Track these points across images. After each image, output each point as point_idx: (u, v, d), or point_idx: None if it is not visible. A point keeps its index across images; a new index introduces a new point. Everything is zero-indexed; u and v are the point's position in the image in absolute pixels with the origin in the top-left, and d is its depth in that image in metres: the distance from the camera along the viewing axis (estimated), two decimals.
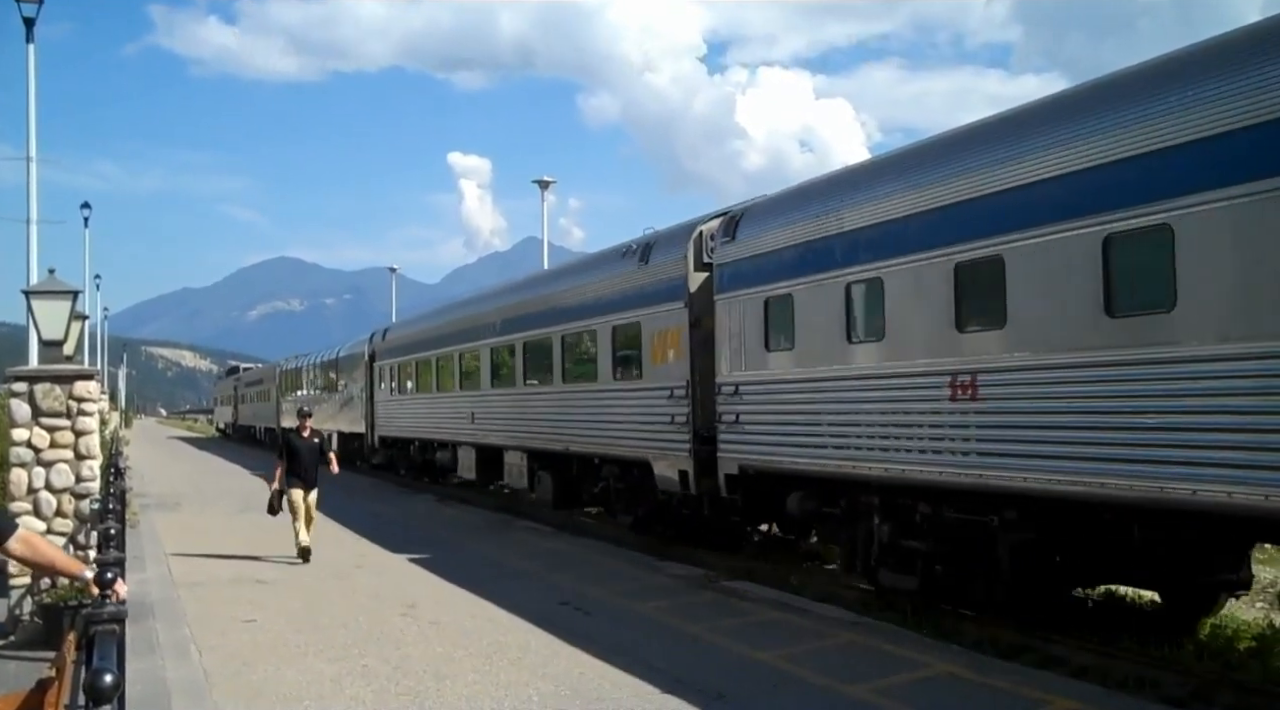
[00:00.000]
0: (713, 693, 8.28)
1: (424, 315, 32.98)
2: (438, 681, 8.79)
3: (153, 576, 13.94)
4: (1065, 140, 9.07)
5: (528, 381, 21.05)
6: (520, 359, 21.33)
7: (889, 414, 11.14)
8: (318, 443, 16.45)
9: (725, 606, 11.74)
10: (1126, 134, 8.47)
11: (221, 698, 8.39)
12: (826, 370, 12.19)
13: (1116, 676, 8.56)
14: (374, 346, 34.14)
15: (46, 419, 13.15)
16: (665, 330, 15.49)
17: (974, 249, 9.99)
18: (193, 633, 10.67)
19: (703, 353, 14.66)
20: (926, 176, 10.78)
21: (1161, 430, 8.20)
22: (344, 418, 37.64)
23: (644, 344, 16.11)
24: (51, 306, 13.84)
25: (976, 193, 10.00)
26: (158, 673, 8.97)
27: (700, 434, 14.64)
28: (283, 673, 9.13)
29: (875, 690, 8.29)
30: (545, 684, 8.64)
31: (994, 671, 8.80)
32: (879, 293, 11.27)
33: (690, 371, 14.83)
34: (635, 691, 8.39)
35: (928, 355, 10.60)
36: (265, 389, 58.04)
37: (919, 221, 10.71)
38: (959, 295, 10.21)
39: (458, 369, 25.62)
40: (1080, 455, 8.83)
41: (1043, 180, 9.24)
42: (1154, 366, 8.25)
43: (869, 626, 10.62)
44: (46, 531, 12.62)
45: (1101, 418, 8.65)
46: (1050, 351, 9.19)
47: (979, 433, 9.95)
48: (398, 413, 31.28)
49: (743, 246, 13.88)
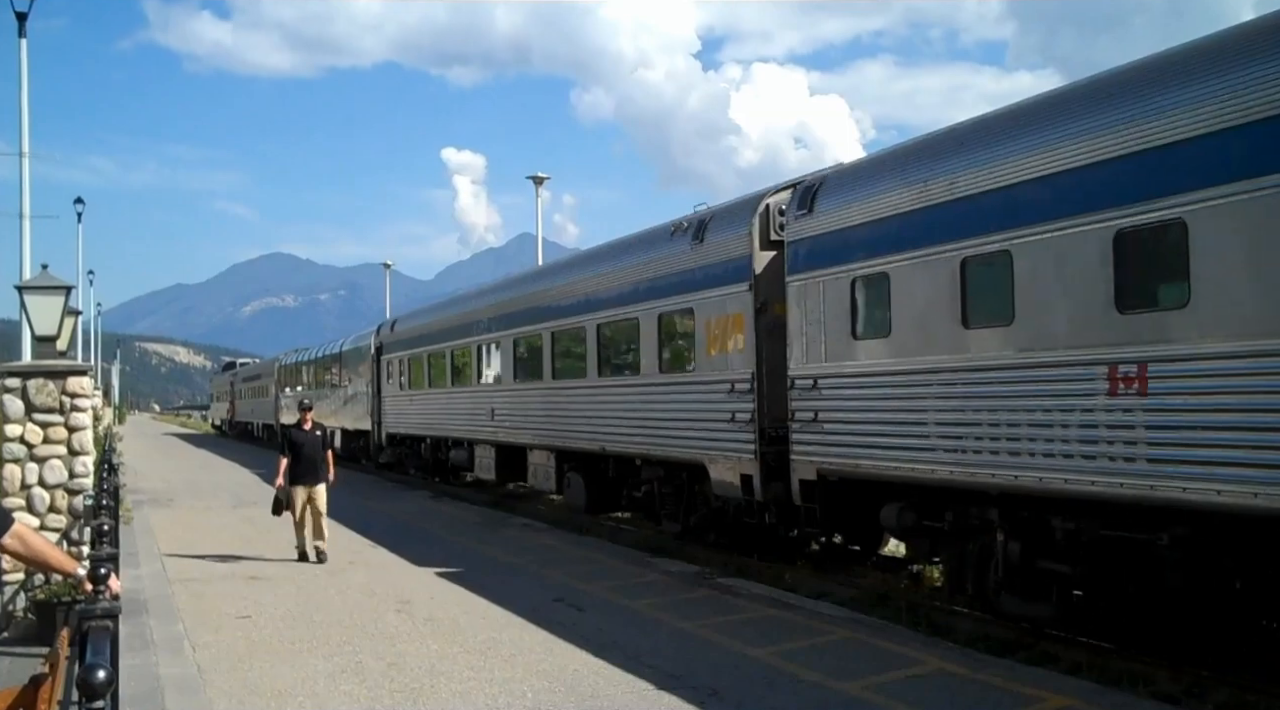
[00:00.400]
0: (706, 689, 8.29)
1: (437, 305, 30.81)
2: (432, 678, 8.79)
3: (146, 573, 13.93)
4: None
5: (557, 375, 19.49)
6: (548, 351, 19.77)
7: (1019, 412, 9.52)
8: (320, 435, 15.82)
9: (719, 603, 11.75)
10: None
11: (215, 694, 8.38)
12: (934, 360, 10.58)
13: (1111, 673, 8.57)
14: (381, 339, 32.65)
15: (40, 415, 13.12)
16: (725, 317, 13.93)
17: (1145, 212, 8.35)
18: (186, 629, 10.67)
19: (770, 342, 13.16)
20: (1075, 124, 9.09)
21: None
22: (348, 414, 36.32)
23: (698, 333, 14.58)
24: (44, 302, 13.81)
25: (1144, 145, 8.37)
26: (151, 669, 8.96)
27: (767, 433, 13.21)
28: (277, 669, 9.13)
29: (868, 687, 8.30)
30: (539, 680, 8.64)
31: (988, 668, 8.81)
32: (1006, 268, 9.70)
33: (755, 363, 13.32)
34: (629, 688, 8.39)
35: (1076, 342, 8.99)
36: (263, 384, 56.44)
37: (1064, 182, 9.07)
38: (1123, 269, 8.59)
39: (476, 362, 24.20)
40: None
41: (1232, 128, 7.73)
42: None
43: (863, 623, 10.62)
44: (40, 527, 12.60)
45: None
46: (1253, 337, 7.61)
47: (1148, 435, 8.35)
48: (408, 409, 29.84)
49: (823, 220, 12.19)
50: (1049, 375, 9.24)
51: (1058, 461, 9.11)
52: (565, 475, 19.37)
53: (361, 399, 34.46)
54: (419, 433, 29.02)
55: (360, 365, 34.85)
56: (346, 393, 36.88)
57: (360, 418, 34.63)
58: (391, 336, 31.71)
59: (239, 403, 66.92)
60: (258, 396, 58.50)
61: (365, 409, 33.79)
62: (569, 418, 18.74)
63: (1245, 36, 8.08)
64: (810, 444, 12.36)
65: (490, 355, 23.28)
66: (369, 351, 33.47)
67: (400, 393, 30.43)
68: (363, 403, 34.24)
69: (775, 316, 13.10)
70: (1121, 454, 8.53)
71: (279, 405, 49.00)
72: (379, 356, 32.54)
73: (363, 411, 34.21)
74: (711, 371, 14.23)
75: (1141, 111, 8.45)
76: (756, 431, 13.26)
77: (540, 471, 20.50)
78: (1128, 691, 8.14)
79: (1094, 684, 8.32)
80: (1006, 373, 9.71)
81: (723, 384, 13.95)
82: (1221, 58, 8.02)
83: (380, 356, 32.44)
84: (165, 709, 7.91)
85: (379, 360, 32.54)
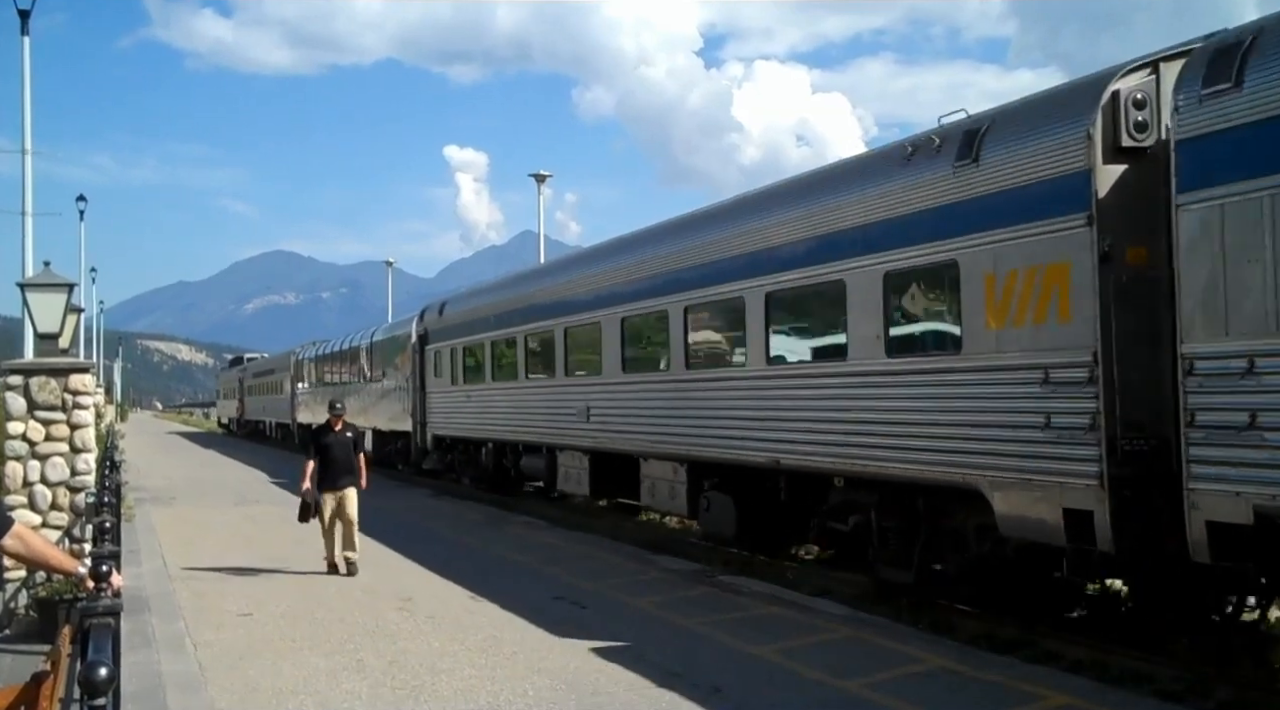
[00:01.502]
0: (708, 687, 8.29)
1: (502, 282, 25.40)
2: (433, 676, 8.80)
3: (148, 570, 13.94)
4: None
5: (692, 364, 15.01)
6: (679, 331, 15.13)
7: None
8: (351, 437, 14.56)
9: (721, 601, 11.75)
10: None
11: (217, 692, 8.39)
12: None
13: (1112, 671, 8.57)
14: (425, 326, 28.16)
15: (42, 412, 13.13)
16: (1031, 270, 9.46)
17: None
18: (188, 627, 10.68)
19: (1124, 306, 8.79)
20: None
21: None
22: (381, 413, 31.93)
23: (964, 297, 10.16)
24: (47, 299, 13.82)
25: None
26: (153, 666, 8.97)
27: (1119, 447, 8.68)
28: (278, 667, 9.13)
29: (870, 685, 8.30)
30: (541, 678, 8.64)
31: (989, 666, 8.80)
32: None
33: (1102, 337, 8.79)
34: (630, 685, 8.40)
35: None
36: (276, 380, 52.51)
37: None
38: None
39: (561, 349, 19.29)
40: None
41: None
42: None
43: (865, 621, 10.62)
44: (42, 525, 12.61)
45: None
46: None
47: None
48: (462, 407, 25.11)
49: (1266, 96, 7.69)
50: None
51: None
52: (703, 495, 14.88)
53: (398, 396, 30.16)
54: (476, 435, 24.46)
55: (397, 357, 30.61)
56: (379, 389, 32.72)
57: (397, 417, 30.38)
58: (440, 322, 27.02)
59: (249, 400, 63.16)
60: (270, 393, 54.63)
61: (403, 407, 29.55)
62: (712, 418, 14.28)
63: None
64: (1239, 465, 7.74)
65: (583, 341, 18.67)
66: (408, 341, 29.19)
67: (452, 388, 25.77)
68: (400, 400, 29.94)
69: (1131, 267, 8.88)
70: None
71: (296, 403, 45.81)
72: (422, 346, 28.03)
73: (400, 410, 29.96)
74: (999, 353, 9.84)
75: None
76: (1102, 443, 8.72)
77: (662, 488, 16.04)
78: (1129, 690, 8.13)
79: (1095, 682, 8.32)
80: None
81: (1026, 371, 9.53)
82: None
83: (425, 346, 27.91)
84: (167, 706, 7.92)
85: (422, 350, 28.02)
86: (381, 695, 8.27)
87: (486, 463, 24.28)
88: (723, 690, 8.21)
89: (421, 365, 28.18)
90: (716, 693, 8.15)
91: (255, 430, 60.37)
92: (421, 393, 28.13)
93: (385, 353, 32.29)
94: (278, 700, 8.19)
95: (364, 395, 33.89)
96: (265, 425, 56.80)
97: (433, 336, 27.47)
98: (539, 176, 37.51)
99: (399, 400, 30.15)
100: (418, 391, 28.32)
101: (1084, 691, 8.05)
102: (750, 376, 13.55)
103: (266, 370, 57.63)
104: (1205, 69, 8.20)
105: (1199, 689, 8.11)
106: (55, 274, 14.27)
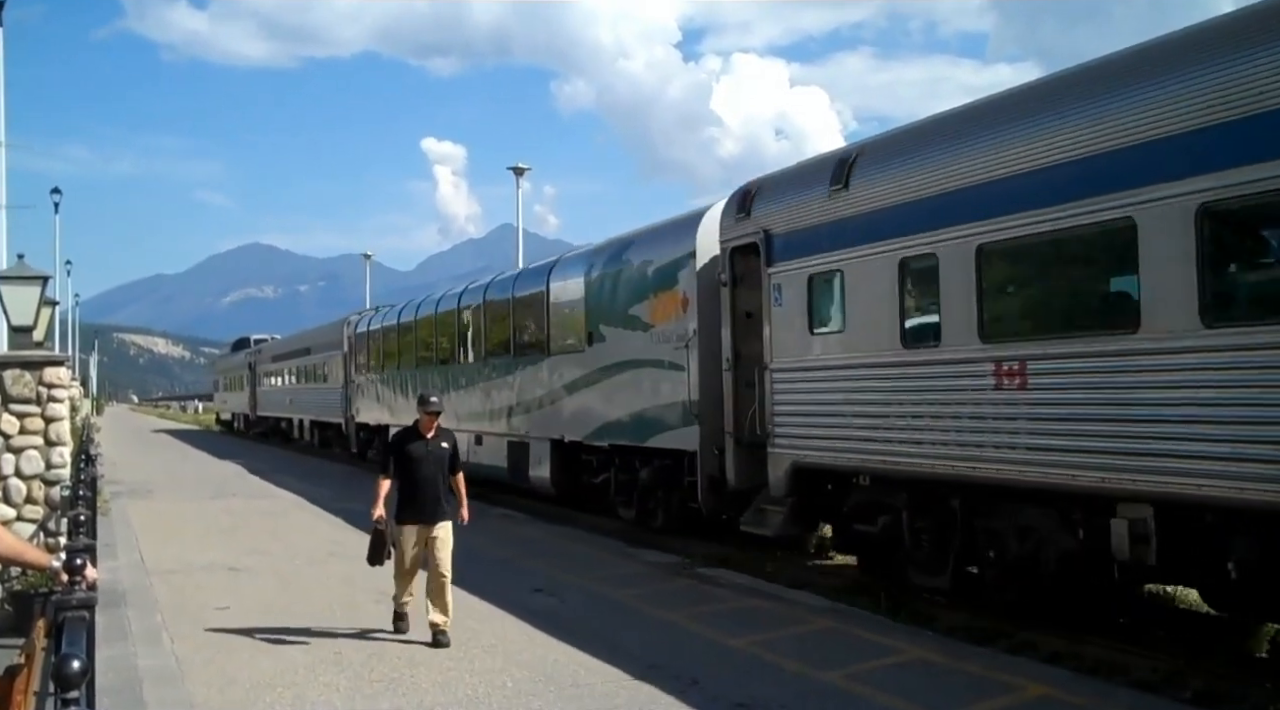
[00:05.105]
0: (687, 679, 8.30)
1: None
2: (411, 668, 8.78)
3: (124, 564, 13.85)
4: None
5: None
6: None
7: None
8: (447, 448, 10.28)
9: (700, 593, 11.77)
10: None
11: (194, 686, 8.34)
12: None
13: (1088, 662, 8.63)
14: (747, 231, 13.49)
15: (16, 405, 13.07)
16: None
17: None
18: (165, 620, 10.61)
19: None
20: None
21: None
22: (619, 405, 16.68)
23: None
24: (21, 292, 13.75)
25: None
26: (129, 660, 8.92)
27: None
28: (256, 660, 9.09)
29: (848, 676, 8.34)
30: (519, 671, 8.64)
31: (967, 657, 8.86)
32: None
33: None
34: (609, 678, 8.40)
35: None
36: (313, 364, 39.63)
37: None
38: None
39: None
40: None
41: None
42: None
43: (843, 613, 10.66)
44: (16, 518, 12.56)
45: None
46: None
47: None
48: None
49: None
50: None
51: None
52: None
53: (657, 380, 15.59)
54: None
55: (638, 304, 16.18)
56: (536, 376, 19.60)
57: (591, 417, 17.48)
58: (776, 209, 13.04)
59: (264, 392, 49.94)
60: (307, 381, 41.23)
61: (672, 398, 15.15)
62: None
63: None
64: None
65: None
66: (675, 270, 15.19)
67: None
68: (661, 387, 15.49)
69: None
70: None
71: (352, 393, 33.19)
72: (732, 284, 13.88)
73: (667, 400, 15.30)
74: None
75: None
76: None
77: None
78: (1105, 680, 8.20)
79: (1071, 672, 8.38)
80: None
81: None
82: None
83: (738, 285, 13.85)
84: (144, 700, 7.88)
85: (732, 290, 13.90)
86: (360, 688, 8.24)
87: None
88: (701, 682, 8.22)
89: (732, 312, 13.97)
90: (695, 685, 8.16)
91: (276, 430, 47.47)
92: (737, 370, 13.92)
93: (611, 309, 17.03)
94: (255, 693, 8.16)
95: (524, 385, 20.15)
96: (294, 425, 43.69)
97: (781, 251, 12.82)
98: (518, 169, 37.44)
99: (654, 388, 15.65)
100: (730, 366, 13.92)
101: (1061, 681, 8.11)
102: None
103: (297, 350, 43.60)
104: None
105: (1174, 679, 8.18)
106: (29, 267, 14.19)
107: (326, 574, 13.28)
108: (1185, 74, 8.14)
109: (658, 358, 15.50)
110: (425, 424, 10.23)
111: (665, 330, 15.33)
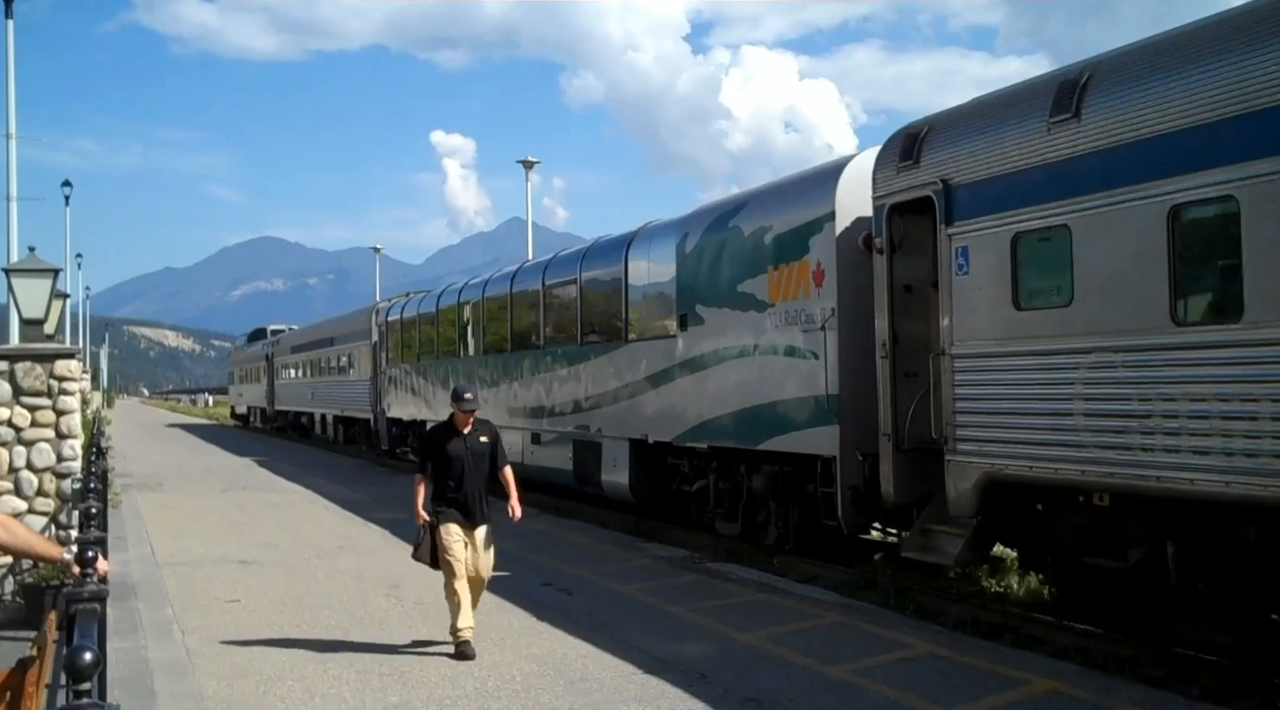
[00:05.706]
0: (695, 673, 8.31)
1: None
2: (420, 661, 8.80)
3: (135, 556, 13.91)
4: None
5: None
6: None
7: None
8: (487, 443, 9.56)
9: (708, 588, 11.77)
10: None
11: (204, 678, 8.38)
12: None
13: (1096, 656, 8.62)
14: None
15: (27, 398, 13.11)
16: None
17: None
18: (175, 613, 10.66)
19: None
20: None
21: None
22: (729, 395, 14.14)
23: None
24: (32, 285, 13.79)
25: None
26: (140, 653, 8.97)
27: None
28: (266, 653, 9.12)
29: (856, 670, 8.34)
30: (528, 664, 8.66)
31: (974, 651, 8.85)
32: None
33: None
34: (618, 671, 8.41)
35: None
36: (336, 355, 37.57)
37: None
38: None
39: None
40: None
41: None
42: None
43: (852, 607, 10.66)
44: (28, 511, 12.61)
45: None
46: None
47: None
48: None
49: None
50: None
51: None
52: None
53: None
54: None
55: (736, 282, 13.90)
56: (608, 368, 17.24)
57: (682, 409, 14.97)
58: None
59: (282, 385, 48.00)
60: (323, 374, 39.55)
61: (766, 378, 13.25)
62: None
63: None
64: None
65: None
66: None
67: None
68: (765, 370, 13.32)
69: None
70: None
71: (383, 387, 30.70)
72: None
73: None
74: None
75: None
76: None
77: None
78: (1113, 675, 8.19)
79: (1079, 667, 8.37)
80: None
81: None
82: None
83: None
84: (154, 691, 7.91)
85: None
86: (369, 681, 8.27)
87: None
88: (709, 676, 8.23)
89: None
90: (703, 679, 8.17)
91: (297, 424, 45.25)
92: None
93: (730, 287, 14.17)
94: (265, 685, 8.19)
95: (613, 372, 17.17)
96: (312, 420, 41.86)
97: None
98: (527, 163, 37.36)
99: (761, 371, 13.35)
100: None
101: (1068, 676, 8.10)
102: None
103: (319, 340, 41.05)
104: None
105: (1181, 675, 8.16)
106: (40, 260, 14.23)
107: (335, 568, 13.32)
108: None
109: (779, 343, 12.96)
110: (461, 419, 9.44)
111: (790, 310, 12.78)
